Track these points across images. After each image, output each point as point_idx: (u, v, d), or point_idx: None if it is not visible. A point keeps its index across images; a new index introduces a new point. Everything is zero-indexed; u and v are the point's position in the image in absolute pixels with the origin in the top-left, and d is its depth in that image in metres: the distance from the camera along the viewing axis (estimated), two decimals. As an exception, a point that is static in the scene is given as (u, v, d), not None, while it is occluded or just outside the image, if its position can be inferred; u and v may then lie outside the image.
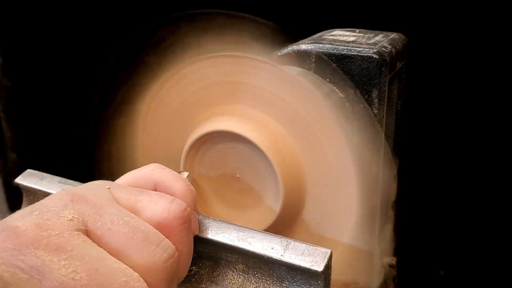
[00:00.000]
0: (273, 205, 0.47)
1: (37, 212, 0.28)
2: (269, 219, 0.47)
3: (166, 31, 0.51)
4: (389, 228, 0.59)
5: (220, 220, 0.39)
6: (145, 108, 0.52)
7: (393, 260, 0.62)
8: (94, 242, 0.28)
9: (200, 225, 0.39)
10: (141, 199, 0.33)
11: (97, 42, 0.84)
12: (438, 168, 0.81)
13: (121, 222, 0.29)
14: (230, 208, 0.50)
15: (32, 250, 0.26)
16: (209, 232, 0.38)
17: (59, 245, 0.26)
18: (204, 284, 0.38)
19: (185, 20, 0.50)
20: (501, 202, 0.79)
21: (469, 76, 0.75)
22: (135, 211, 0.32)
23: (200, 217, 0.40)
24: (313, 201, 0.47)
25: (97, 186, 0.33)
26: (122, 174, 0.37)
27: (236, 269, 0.37)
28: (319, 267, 0.33)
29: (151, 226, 0.31)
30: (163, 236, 0.31)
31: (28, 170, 0.46)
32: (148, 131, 0.53)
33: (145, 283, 0.28)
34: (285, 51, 0.52)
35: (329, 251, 0.35)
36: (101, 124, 0.58)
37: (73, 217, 0.28)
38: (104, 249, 0.28)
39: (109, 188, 0.33)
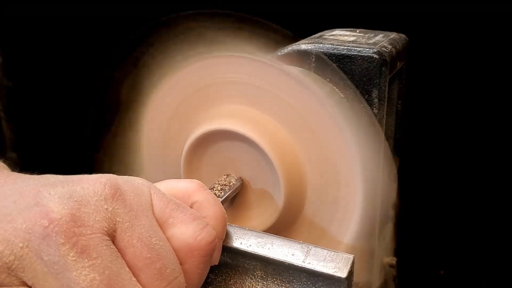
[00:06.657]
0: (274, 204, 0.47)
1: (75, 199, 0.28)
2: (270, 219, 0.47)
3: (165, 31, 0.50)
4: (389, 228, 0.59)
5: (236, 226, 0.38)
6: (145, 107, 0.52)
7: (393, 260, 0.62)
8: (117, 249, 0.29)
9: None
10: (175, 216, 0.32)
11: (97, 41, 0.84)
12: (438, 168, 0.81)
13: (147, 242, 0.30)
14: (231, 208, 0.50)
15: (60, 243, 0.26)
16: (227, 239, 0.37)
17: (86, 248, 0.27)
18: None
19: (184, 20, 0.50)
20: (500, 202, 0.79)
21: (469, 76, 0.75)
22: (165, 225, 0.32)
23: None
24: (313, 200, 0.47)
25: (138, 186, 0.32)
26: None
27: (254, 276, 0.36)
28: (343, 273, 0.32)
29: (173, 256, 0.31)
30: (179, 273, 0.31)
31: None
32: (148, 131, 0.53)
33: None
34: (285, 51, 0.52)
35: (351, 256, 0.34)
36: (101, 124, 0.58)
37: (108, 217, 0.29)
38: (124, 260, 0.29)
39: (149, 191, 0.33)
